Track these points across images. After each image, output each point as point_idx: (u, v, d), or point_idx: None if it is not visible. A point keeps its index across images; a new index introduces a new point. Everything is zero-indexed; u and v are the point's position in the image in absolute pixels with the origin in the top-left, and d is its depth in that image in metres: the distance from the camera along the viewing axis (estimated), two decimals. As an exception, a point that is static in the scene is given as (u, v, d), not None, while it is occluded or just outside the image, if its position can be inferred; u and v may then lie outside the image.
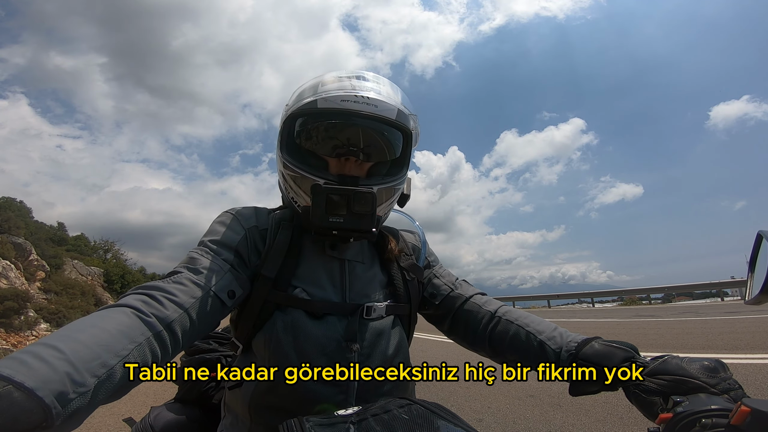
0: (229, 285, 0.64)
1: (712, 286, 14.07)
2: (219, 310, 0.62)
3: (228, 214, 0.74)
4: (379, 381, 0.69)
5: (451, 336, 0.85)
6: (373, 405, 0.53)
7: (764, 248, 0.50)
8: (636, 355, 0.61)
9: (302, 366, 0.64)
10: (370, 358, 0.69)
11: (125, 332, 0.47)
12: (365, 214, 0.67)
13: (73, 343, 0.42)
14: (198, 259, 0.64)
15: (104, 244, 22.84)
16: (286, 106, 0.76)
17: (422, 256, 0.86)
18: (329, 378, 0.65)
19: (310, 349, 0.65)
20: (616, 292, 17.46)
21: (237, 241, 0.69)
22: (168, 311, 0.54)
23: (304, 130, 0.74)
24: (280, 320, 0.66)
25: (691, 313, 9.08)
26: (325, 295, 0.70)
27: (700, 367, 0.53)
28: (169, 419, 0.86)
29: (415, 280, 0.80)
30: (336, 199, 0.66)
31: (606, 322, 8.45)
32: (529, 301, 19.06)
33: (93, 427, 3.09)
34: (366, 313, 0.70)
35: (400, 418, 0.48)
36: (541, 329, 0.71)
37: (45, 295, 11.85)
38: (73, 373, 0.40)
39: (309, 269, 0.71)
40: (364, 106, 0.70)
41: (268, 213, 0.77)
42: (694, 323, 6.91)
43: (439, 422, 0.48)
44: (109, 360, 0.44)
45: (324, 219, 0.66)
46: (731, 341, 4.72)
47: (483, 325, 0.78)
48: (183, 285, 0.58)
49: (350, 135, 0.72)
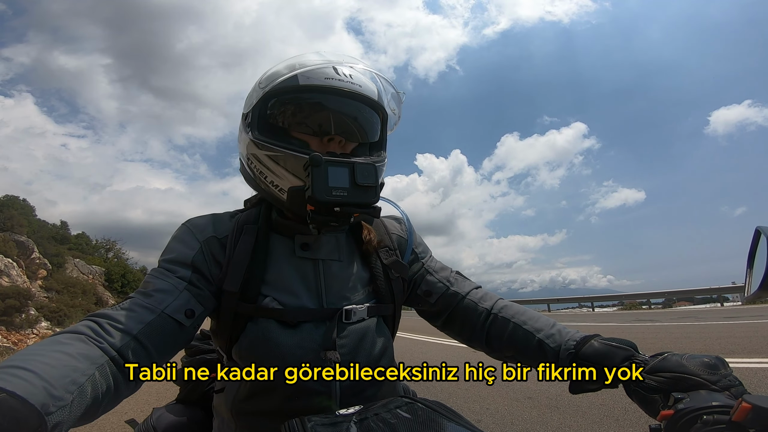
0: (185, 304, 0.60)
1: (713, 291, 14.05)
2: (177, 331, 0.59)
3: (184, 227, 0.70)
4: (363, 385, 0.67)
5: (445, 331, 0.83)
6: (375, 404, 0.53)
7: (762, 244, 0.50)
8: (636, 353, 0.60)
9: (279, 376, 0.62)
10: (352, 364, 0.66)
11: (85, 355, 0.48)
12: (370, 186, 0.62)
13: (39, 364, 0.42)
14: (150, 282, 0.62)
15: (106, 243, 22.96)
16: (259, 85, 0.70)
17: (408, 248, 0.80)
18: (309, 383, 0.63)
19: (285, 359, 0.62)
20: (617, 297, 17.45)
21: (191, 256, 0.65)
22: (114, 339, 0.52)
23: (280, 110, 0.69)
24: (252, 333, 0.64)
25: (690, 317, 9.07)
26: (299, 302, 0.66)
27: (700, 364, 0.53)
28: (171, 420, 0.86)
29: (399, 278, 0.75)
30: (338, 170, 0.61)
31: (605, 326, 8.45)
32: (529, 305, 18.93)
33: (96, 428, 3.07)
34: (345, 317, 0.66)
35: (402, 417, 0.48)
36: (539, 327, 0.70)
37: (46, 294, 11.90)
38: (50, 389, 0.40)
39: (279, 274, 0.67)
40: (348, 84, 0.67)
41: (231, 217, 0.72)
42: (693, 328, 6.90)
43: (442, 421, 0.48)
44: (78, 378, 0.44)
45: (327, 193, 0.60)
46: (729, 345, 4.73)
47: (480, 322, 0.76)
48: (131, 311, 0.56)
49: (333, 113, 0.68)
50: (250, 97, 0.72)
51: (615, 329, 7.70)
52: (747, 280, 0.54)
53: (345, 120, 0.70)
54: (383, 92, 0.74)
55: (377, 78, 0.73)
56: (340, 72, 0.67)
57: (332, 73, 0.67)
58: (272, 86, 0.67)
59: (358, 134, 0.72)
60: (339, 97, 0.68)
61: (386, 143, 0.77)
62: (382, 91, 0.73)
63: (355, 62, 0.70)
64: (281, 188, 0.67)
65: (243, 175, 0.76)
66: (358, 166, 0.62)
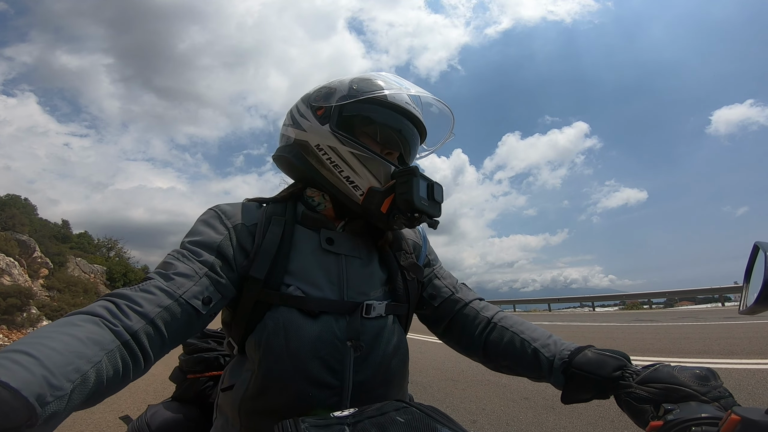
0: (203, 291, 0.60)
1: (715, 291, 14.00)
2: (193, 317, 0.59)
3: (212, 212, 0.70)
4: (374, 383, 0.67)
5: (444, 339, 0.84)
6: (370, 407, 0.53)
7: (760, 259, 0.50)
8: (628, 363, 0.61)
9: (296, 366, 0.62)
10: (367, 360, 0.67)
11: (95, 339, 0.47)
12: (439, 203, 0.72)
13: (45, 349, 0.42)
14: (172, 264, 0.61)
15: (107, 243, 23.06)
16: (351, 85, 0.76)
17: (422, 254, 0.84)
18: (324, 376, 0.63)
19: (303, 350, 0.63)
20: (619, 297, 17.41)
21: (219, 241, 0.65)
22: (131, 321, 0.52)
23: (361, 116, 0.76)
24: (272, 320, 0.64)
25: (690, 318, 9.03)
26: (321, 293, 0.67)
27: (691, 376, 0.53)
28: (165, 418, 0.85)
29: (414, 279, 0.78)
30: (423, 184, 0.70)
31: (604, 326, 8.42)
32: (530, 305, 18.99)
33: (90, 424, 3.06)
34: (365, 311, 0.68)
35: (396, 421, 0.48)
36: (535, 336, 0.71)
37: (48, 293, 11.95)
38: (50, 377, 0.39)
39: (303, 265, 0.68)
40: (418, 112, 0.79)
41: (258, 207, 0.74)
42: (692, 328, 6.88)
43: (436, 426, 0.48)
44: (82, 366, 0.43)
45: (419, 201, 0.68)
46: (728, 347, 4.71)
47: (479, 331, 0.77)
48: (150, 293, 0.56)
49: (404, 132, 0.79)
50: (330, 93, 0.76)
51: (614, 330, 7.68)
52: (743, 295, 0.55)
53: (406, 140, 0.80)
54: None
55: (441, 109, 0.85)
56: (411, 96, 0.79)
57: (409, 99, 0.79)
58: (368, 96, 0.74)
59: (406, 155, 0.82)
60: (409, 120, 0.78)
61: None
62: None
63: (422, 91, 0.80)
64: (356, 185, 0.72)
65: (290, 158, 0.78)
66: (435, 185, 0.71)
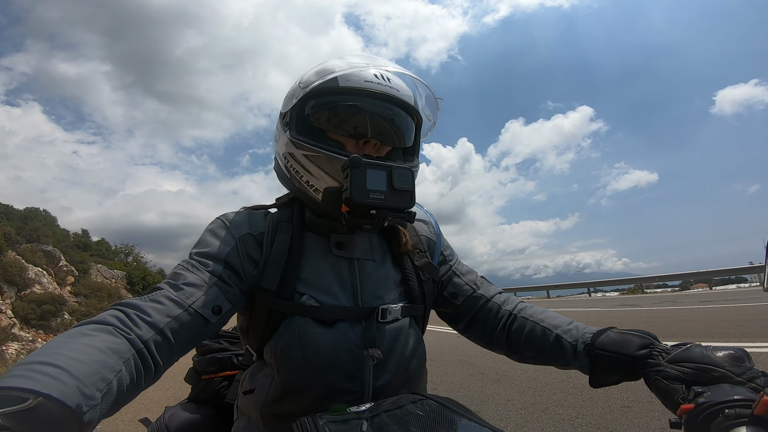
0: (214, 300, 0.60)
1: (730, 272, 13.81)
2: (202, 326, 0.59)
3: (219, 221, 0.69)
4: (394, 386, 0.66)
5: (466, 334, 0.83)
6: (386, 401, 0.53)
7: None
8: (655, 342, 0.59)
9: (315, 375, 0.62)
10: (387, 364, 0.66)
11: (114, 348, 0.47)
12: (406, 191, 0.63)
13: (70, 360, 0.41)
14: (181, 274, 0.61)
15: (125, 248, 23.79)
16: (300, 85, 0.71)
17: (437, 250, 0.81)
18: (344, 382, 0.63)
19: (321, 358, 0.62)
20: (633, 280, 17.25)
21: (226, 252, 0.65)
22: (141, 331, 0.52)
23: (319, 111, 0.69)
24: (288, 330, 0.63)
25: (708, 300, 8.99)
26: (336, 300, 0.66)
27: (725, 356, 0.51)
28: (183, 419, 0.86)
29: (430, 279, 0.75)
30: (376, 173, 0.61)
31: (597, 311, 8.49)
32: (533, 291, 18.98)
33: (109, 426, 3.22)
34: (381, 316, 0.67)
35: (413, 414, 0.48)
36: (557, 324, 0.70)
37: (76, 299, 12.51)
38: (82, 387, 0.40)
39: (315, 272, 0.67)
40: (387, 88, 0.68)
41: (265, 215, 0.72)
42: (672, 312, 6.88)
43: (453, 417, 0.48)
44: (107, 375, 0.44)
45: (365, 195, 0.60)
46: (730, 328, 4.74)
47: (501, 325, 0.76)
48: (159, 303, 0.56)
49: (371, 116, 0.69)
50: (289, 97, 0.73)
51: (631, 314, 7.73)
52: (766, 273, 0.57)
53: (381, 123, 0.70)
54: (418, 97, 0.74)
55: (414, 82, 0.74)
56: (379, 75, 0.68)
57: (371, 76, 0.67)
58: (312, 87, 0.68)
59: (394, 138, 0.72)
60: (376, 100, 0.68)
61: (420, 148, 0.77)
62: (417, 96, 0.74)
63: (394, 66, 0.71)
64: (316, 188, 0.67)
65: (277, 173, 0.77)
66: (396, 170, 0.62)
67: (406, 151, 0.75)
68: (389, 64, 0.71)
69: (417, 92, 0.74)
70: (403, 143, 0.73)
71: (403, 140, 0.73)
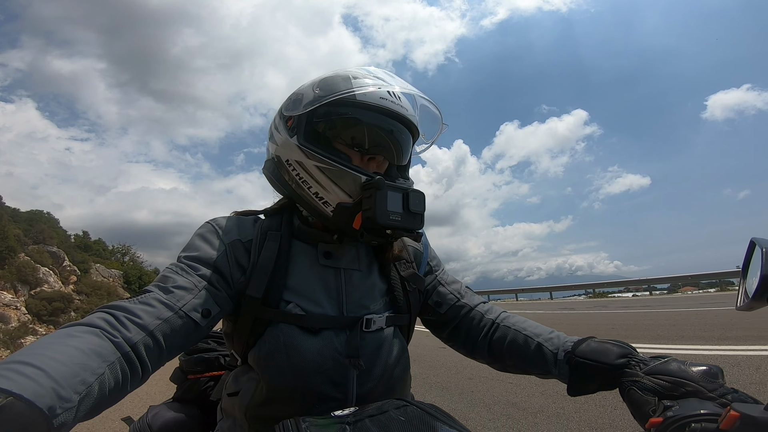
0: (203, 303, 0.61)
1: (716, 276, 14.22)
2: (192, 330, 0.59)
3: (209, 226, 0.70)
4: (377, 394, 0.67)
5: (449, 343, 0.84)
6: (370, 406, 0.54)
7: (756, 255, 0.50)
8: (633, 352, 0.60)
9: (299, 381, 0.63)
10: (370, 373, 0.67)
11: (98, 351, 0.47)
12: (419, 213, 0.66)
13: (50, 361, 0.41)
14: (170, 278, 0.62)
15: (122, 248, 24.11)
16: (313, 89, 0.70)
17: (424, 261, 0.82)
18: (327, 390, 0.64)
19: (305, 365, 0.63)
20: (623, 283, 17.65)
21: (215, 257, 0.65)
22: (130, 333, 0.52)
23: (331, 120, 0.70)
24: (273, 337, 0.64)
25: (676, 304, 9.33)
26: (321, 309, 0.67)
27: (699, 372, 0.52)
28: (167, 418, 0.85)
29: (416, 290, 0.77)
30: (395, 196, 0.64)
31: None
32: (499, 294, 19.21)
33: (91, 426, 3.12)
34: (365, 325, 0.68)
35: (396, 420, 0.49)
36: (538, 332, 0.71)
37: (78, 296, 12.84)
38: (58, 389, 0.39)
39: (302, 281, 0.68)
40: (399, 107, 0.70)
41: (254, 221, 0.73)
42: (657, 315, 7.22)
43: (435, 423, 0.49)
44: (87, 378, 0.43)
45: (386, 217, 0.62)
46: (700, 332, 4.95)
47: (484, 334, 0.77)
48: (149, 306, 0.56)
49: (383, 133, 0.71)
50: (298, 100, 0.71)
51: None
52: (740, 291, 0.54)
53: (386, 140, 0.72)
54: (417, 115, 0.77)
55: (423, 102, 0.77)
56: (392, 93, 0.70)
57: (386, 94, 0.69)
58: (330, 98, 0.67)
59: (394, 155, 0.74)
60: (388, 117, 0.70)
61: (410, 165, 0.80)
62: (416, 114, 0.76)
63: (402, 84, 0.72)
64: (326, 201, 0.67)
65: (270, 175, 0.76)
66: (411, 194, 0.65)
67: (400, 167, 0.77)
68: (399, 81, 0.73)
69: (416, 110, 0.77)
70: (401, 161, 0.76)
71: (402, 158, 0.76)
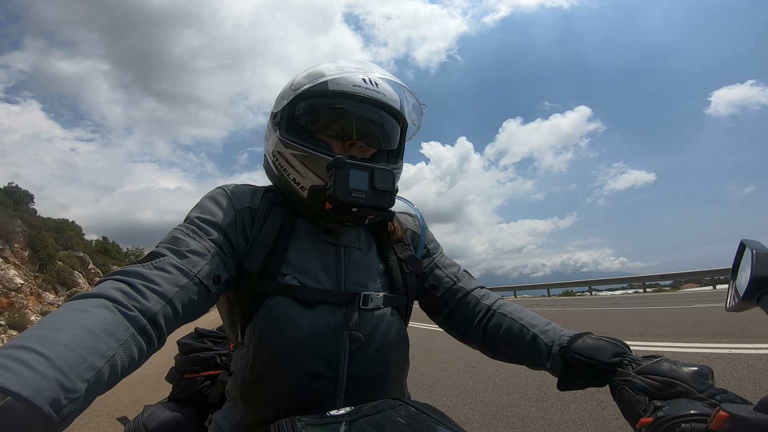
0: (215, 270, 0.60)
1: (717, 272, 14.38)
2: (204, 297, 0.59)
3: (221, 191, 0.71)
4: (370, 375, 0.67)
5: (443, 326, 0.84)
6: (365, 405, 0.54)
7: (746, 257, 0.50)
8: (627, 351, 0.60)
9: (290, 357, 0.63)
10: (364, 352, 0.67)
11: (108, 330, 0.44)
12: (386, 191, 0.66)
13: (55, 345, 0.38)
14: (183, 240, 0.60)
15: (135, 251, 25.64)
16: (291, 87, 0.73)
17: (421, 243, 0.84)
18: (319, 367, 0.64)
19: (298, 340, 0.63)
20: (626, 280, 17.83)
21: (227, 223, 0.66)
22: (150, 303, 0.50)
23: (308, 112, 0.72)
24: (268, 310, 0.64)
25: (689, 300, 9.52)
26: (318, 284, 0.67)
27: (690, 372, 0.53)
28: (162, 418, 0.85)
29: (413, 272, 0.78)
30: (359, 174, 0.64)
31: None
32: (532, 291, 19.57)
33: (87, 426, 3.13)
34: (363, 302, 0.68)
35: (392, 420, 0.49)
36: (534, 323, 0.71)
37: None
38: (63, 380, 0.37)
39: (301, 255, 0.69)
40: (374, 92, 0.71)
41: (264, 192, 0.74)
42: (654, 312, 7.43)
43: (431, 424, 0.49)
44: (96, 362, 0.41)
45: (347, 194, 0.63)
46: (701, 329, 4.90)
47: (479, 319, 0.77)
48: (166, 272, 0.55)
49: (358, 119, 0.72)
50: (280, 98, 0.75)
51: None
52: (730, 291, 0.54)
53: (368, 126, 0.73)
54: (405, 102, 0.78)
55: (401, 88, 0.77)
56: (368, 80, 0.71)
57: (360, 81, 0.71)
58: (302, 90, 0.70)
59: (380, 140, 0.75)
60: (364, 104, 0.71)
61: (404, 152, 0.81)
62: (404, 101, 0.78)
63: (382, 72, 0.74)
64: (303, 186, 0.70)
65: (266, 170, 0.79)
66: (378, 171, 0.66)
67: (390, 154, 0.79)
68: (377, 69, 0.75)
69: (404, 98, 0.78)
70: (388, 146, 0.77)
71: (388, 143, 0.77)
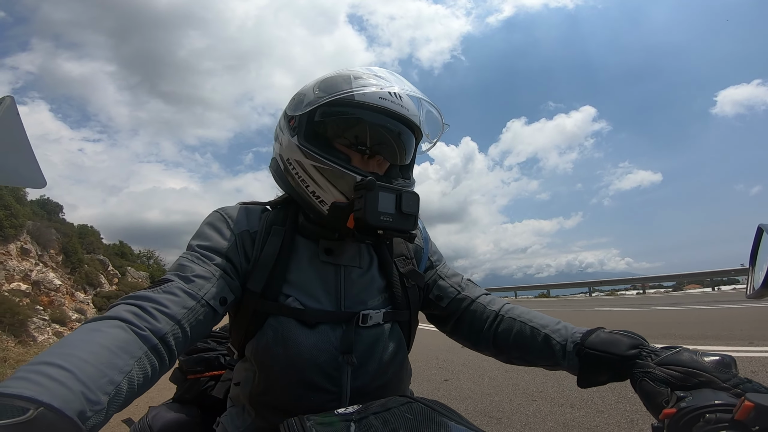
0: (220, 292, 0.63)
1: (722, 273, 14.48)
2: (211, 318, 0.61)
3: (218, 215, 0.72)
4: (371, 388, 0.69)
5: (453, 336, 0.84)
6: (374, 403, 0.54)
7: (765, 242, 0.49)
8: (644, 342, 0.59)
9: (294, 373, 0.65)
10: (364, 368, 0.69)
11: (124, 347, 0.47)
12: (411, 215, 0.67)
13: (77, 361, 0.41)
14: (188, 266, 0.63)
15: (147, 253, 26.62)
16: (315, 93, 0.71)
17: (424, 256, 0.84)
18: (322, 383, 0.66)
19: (301, 358, 0.65)
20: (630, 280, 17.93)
21: (227, 247, 0.68)
22: (160, 324, 0.53)
23: (331, 121, 0.72)
24: (271, 330, 0.66)
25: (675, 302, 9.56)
26: (319, 304, 0.68)
27: (712, 362, 0.52)
28: (167, 419, 0.85)
29: (414, 286, 0.78)
30: (387, 197, 0.65)
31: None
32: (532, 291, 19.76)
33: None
34: (362, 321, 0.69)
35: (401, 416, 0.49)
36: (545, 323, 0.70)
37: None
38: (87, 393, 0.39)
39: (302, 276, 0.70)
40: (399, 107, 0.71)
41: (261, 213, 0.75)
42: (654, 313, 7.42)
43: (441, 419, 0.49)
44: (115, 377, 0.43)
45: (376, 218, 0.64)
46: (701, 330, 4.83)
47: (488, 326, 0.77)
48: (174, 295, 0.57)
49: (380, 133, 0.73)
50: (299, 101, 0.73)
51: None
52: (749, 278, 0.52)
53: (389, 140, 0.74)
54: (422, 115, 0.79)
55: (424, 103, 0.77)
56: (393, 93, 0.71)
57: (386, 94, 0.70)
58: (329, 98, 0.69)
59: (397, 155, 0.76)
60: (388, 117, 0.72)
61: (414, 165, 0.82)
62: (420, 115, 0.78)
63: (409, 86, 0.74)
64: (323, 200, 0.69)
65: (275, 173, 0.78)
66: (405, 195, 0.67)
67: (402, 167, 0.79)
68: (404, 83, 0.74)
69: (421, 111, 0.79)
70: (404, 161, 0.78)
71: (404, 158, 0.78)
